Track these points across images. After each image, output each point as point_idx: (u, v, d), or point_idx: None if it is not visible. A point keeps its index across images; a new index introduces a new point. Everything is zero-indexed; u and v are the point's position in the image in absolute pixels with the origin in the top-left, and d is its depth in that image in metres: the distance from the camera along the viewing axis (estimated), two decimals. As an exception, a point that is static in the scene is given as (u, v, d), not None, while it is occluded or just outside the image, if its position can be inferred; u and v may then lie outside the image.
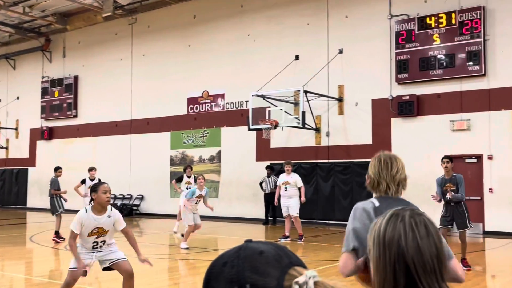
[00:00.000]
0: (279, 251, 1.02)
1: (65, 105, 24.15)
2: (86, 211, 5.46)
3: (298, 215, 12.56)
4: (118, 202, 21.05)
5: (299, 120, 15.51)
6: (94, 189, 5.48)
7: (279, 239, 12.50)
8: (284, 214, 12.69)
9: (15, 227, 15.01)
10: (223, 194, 19.11)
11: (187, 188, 13.11)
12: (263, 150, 18.19)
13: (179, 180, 14.50)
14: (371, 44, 16.23)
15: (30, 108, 25.50)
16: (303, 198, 12.62)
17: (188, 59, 20.34)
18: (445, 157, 9.24)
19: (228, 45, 19.28)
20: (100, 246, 5.56)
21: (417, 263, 1.19)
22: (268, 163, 17.65)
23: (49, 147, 24.71)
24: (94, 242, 5.51)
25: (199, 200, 11.40)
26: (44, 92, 24.96)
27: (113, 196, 21.35)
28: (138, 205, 21.25)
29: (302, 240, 12.52)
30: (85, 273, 5.49)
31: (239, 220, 17.85)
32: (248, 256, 1.00)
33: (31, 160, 25.47)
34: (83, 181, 13.96)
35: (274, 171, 17.25)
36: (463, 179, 8.99)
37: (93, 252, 5.55)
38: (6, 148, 26.60)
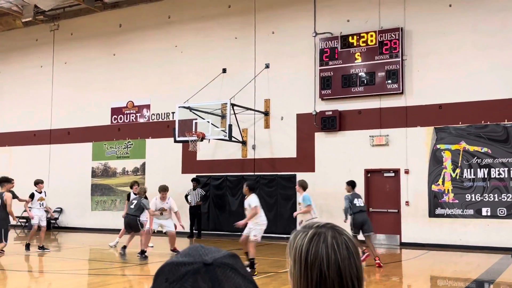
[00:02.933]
0: None
1: (-22, 112, 22.78)
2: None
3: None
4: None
5: (226, 132, 15.53)
6: None
7: None
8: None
9: None
10: (147, 207, 18.70)
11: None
12: (189, 162, 18.03)
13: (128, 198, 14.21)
14: (296, 60, 16.61)
15: None
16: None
17: (113, 68, 19.87)
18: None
19: (154, 56, 19.04)
20: None
21: (337, 286, 1.20)
22: (194, 175, 17.51)
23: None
24: None
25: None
26: (-45, 98, 23.42)
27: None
28: (56, 218, 20.33)
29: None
30: None
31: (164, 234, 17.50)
32: None
33: None
34: (32, 196, 13.24)
35: (200, 183, 17.15)
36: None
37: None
38: None
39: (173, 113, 17.66)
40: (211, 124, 15.77)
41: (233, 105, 15.63)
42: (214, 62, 17.76)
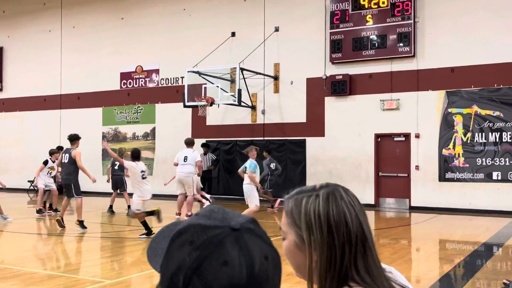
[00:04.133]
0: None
1: (-12, 78, 22.87)
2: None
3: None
4: (48, 180, 20.27)
5: (235, 97, 15.48)
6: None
7: None
8: None
9: None
10: (157, 171, 18.87)
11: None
12: (198, 127, 18.06)
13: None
14: (306, 23, 16.36)
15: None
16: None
17: (121, 33, 19.73)
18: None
19: (163, 20, 18.84)
20: None
21: (360, 241, 1.18)
22: (204, 140, 17.57)
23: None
24: None
25: None
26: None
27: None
28: (68, 183, 20.56)
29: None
30: None
31: (174, 198, 17.70)
32: (217, 254, 0.84)
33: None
34: (45, 162, 13.56)
35: (210, 148, 17.19)
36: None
37: None
38: None
39: (182, 77, 17.59)
40: (220, 89, 15.70)
41: (242, 69, 15.52)
42: (223, 25, 17.55)
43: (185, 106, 16.15)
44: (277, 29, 16.80)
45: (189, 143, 12.79)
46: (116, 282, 6.35)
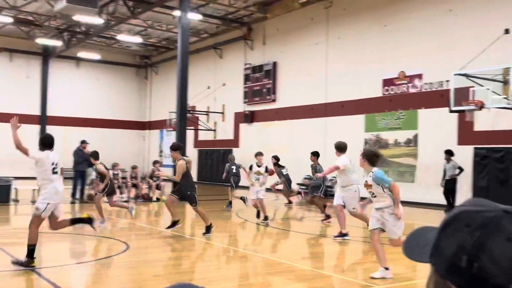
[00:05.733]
0: None
1: (264, 90, 25.58)
2: None
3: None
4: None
5: (509, 100, 14.07)
6: None
7: None
8: None
9: (222, 202, 16.51)
10: (420, 179, 18.38)
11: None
12: (465, 133, 16.96)
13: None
14: None
15: (234, 94, 27.57)
16: None
17: (384, 40, 19.85)
18: None
19: (426, 23, 18.29)
20: None
21: None
22: (471, 147, 16.44)
23: (251, 129, 26.47)
24: None
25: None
26: (246, 78, 26.75)
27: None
28: (332, 187, 21.57)
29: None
30: None
31: (436, 207, 16.99)
32: (499, 233, 0.90)
33: (235, 142, 27.59)
34: (250, 167, 13.31)
35: (453, 155, 16.09)
36: None
37: None
38: (214, 130, 29.28)
39: (447, 81, 16.77)
40: (491, 91, 14.46)
41: (518, 69, 14.00)
42: (495, 23, 16.14)
43: (451, 111, 15.36)
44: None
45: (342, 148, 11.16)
46: (382, 288, 6.38)
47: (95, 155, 12.13)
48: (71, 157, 17.47)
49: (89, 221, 8.06)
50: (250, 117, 26.42)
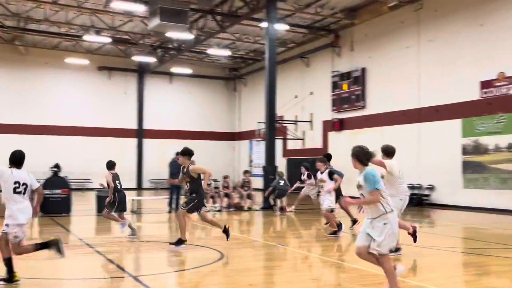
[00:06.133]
0: None
1: (353, 97, 25.16)
2: None
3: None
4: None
5: None
6: None
7: None
8: None
9: (315, 211, 16.40)
10: (525, 186, 17.16)
11: None
12: None
13: None
14: None
15: (322, 102, 27.38)
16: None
17: (480, 40, 18.83)
18: None
19: (528, 19, 17.13)
20: None
21: None
22: None
23: (340, 137, 26.11)
24: None
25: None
26: (334, 85, 26.47)
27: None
28: (428, 195, 20.73)
29: None
30: None
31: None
32: None
33: (324, 150, 27.30)
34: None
35: None
36: None
37: None
38: (303, 139, 29.22)
39: (554, 81, 15.55)
40: None
41: None
42: None
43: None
44: None
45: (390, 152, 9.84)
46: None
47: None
48: (166, 168, 18.21)
49: (53, 244, 6.84)
50: (339, 125, 26.08)
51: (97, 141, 32.13)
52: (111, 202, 11.19)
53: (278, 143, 26.55)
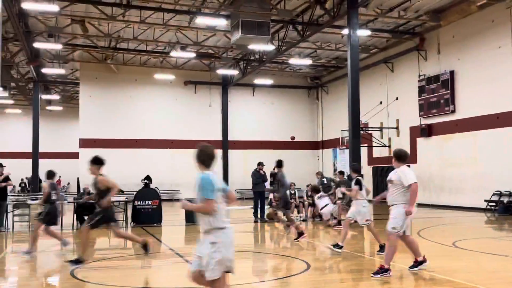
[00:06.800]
0: None
1: (442, 101, 24.15)
2: None
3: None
4: (505, 199, 19.70)
5: None
6: None
7: None
8: None
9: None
10: None
11: None
12: None
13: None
14: None
15: (409, 107, 26.52)
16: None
17: None
18: None
19: None
20: None
21: None
22: None
23: (429, 143, 25.13)
24: None
25: None
26: (421, 90, 25.56)
27: (498, 193, 20.16)
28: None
29: None
30: None
31: None
32: None
33: (412, 157, 26.37)
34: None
35: None
36: None
37: None
38: (389, 146, 28.41)
39: None
40: None
41: None
42: None
43: None
44: None
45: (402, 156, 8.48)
46: None
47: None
48: (250, 179, 18.40)
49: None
50: (427, 131, 25.12)
51: (185, 153, 33.17)
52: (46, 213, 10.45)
53: (363, 151, 26.01)
